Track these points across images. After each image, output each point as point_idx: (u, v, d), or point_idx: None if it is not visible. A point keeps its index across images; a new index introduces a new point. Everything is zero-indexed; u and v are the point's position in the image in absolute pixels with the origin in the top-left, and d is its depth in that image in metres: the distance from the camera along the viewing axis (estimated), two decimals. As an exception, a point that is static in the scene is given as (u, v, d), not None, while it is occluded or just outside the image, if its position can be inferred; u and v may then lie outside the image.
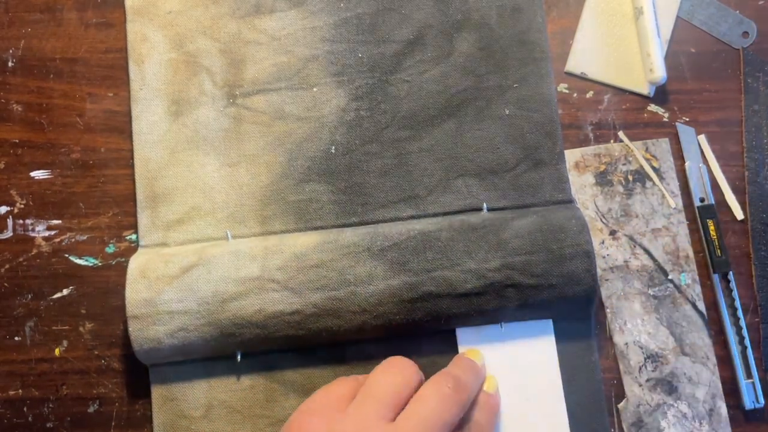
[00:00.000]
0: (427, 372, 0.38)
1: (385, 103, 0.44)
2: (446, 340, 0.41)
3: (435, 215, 0.42)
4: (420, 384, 0.36)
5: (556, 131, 0.43)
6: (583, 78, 0.45)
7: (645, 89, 0.45)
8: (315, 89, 0.44)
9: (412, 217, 0.42)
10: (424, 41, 0.44)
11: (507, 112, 0.44)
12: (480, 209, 0.42)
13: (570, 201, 0.43)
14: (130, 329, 0.38)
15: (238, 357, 0.40)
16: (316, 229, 0.42)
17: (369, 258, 0.39)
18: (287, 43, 0.44)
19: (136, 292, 0.39)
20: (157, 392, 0.41)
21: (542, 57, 0.44)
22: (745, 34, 0.45)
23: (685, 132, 0.44)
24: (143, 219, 0.42)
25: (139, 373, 0.41)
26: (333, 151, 0.43)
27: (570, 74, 0.45)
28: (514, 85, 0.44)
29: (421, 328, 0.40)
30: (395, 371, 0.36)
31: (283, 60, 0.44)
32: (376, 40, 0.44)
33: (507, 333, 0.41)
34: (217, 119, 0.43)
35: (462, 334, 0.41)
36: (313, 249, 0.40)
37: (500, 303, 0.39)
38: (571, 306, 0.40)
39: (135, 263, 0.40)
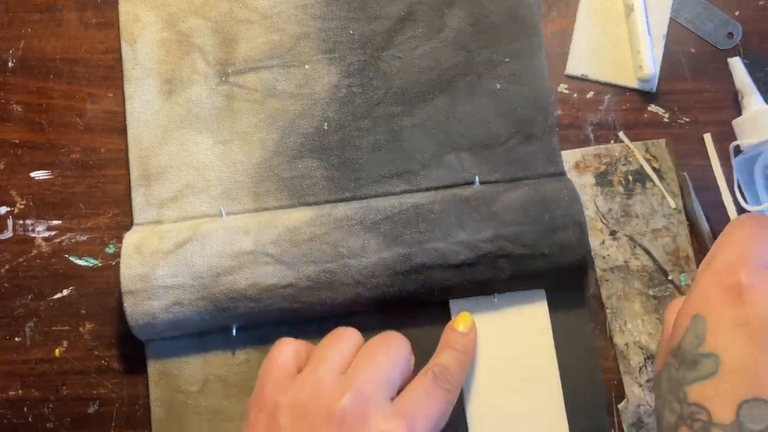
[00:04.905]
0: (422, 344, 0.39)
1: (377, 79, 0.44)
2: (440, 312, 0.41)
3: (428, 190, 0.43)
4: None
5: (547, 105, 0.44)
6: (584, 79, 0.45)
7: (647, 86, 0.45)
8: (307, 66, 0.44)
9: (405, 192, 0.43)
10: (415, 17, 0.45)
11: (498, 86, 0.44)
12: (472, 183, 0.43)
13: (562, 173, 0.43)
14: (125, 304, 0.39)
15: (234, 331, 0.40)
16: (309, 204, 0.43)
17: (362, 231, 0.40)
18: (279, 21, 0.45)
19: (130, 267, 0.39)
20: (153, 368, 0.41)
21: (534, 32, 0.44)
22: (730, 35, 0.45)
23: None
24: (137, 197, 0.43)
25: (139, 373, 0.42)
26: (325, 127, 0.44)
27: (571, 77, 0.45)
28: (506, 60, 0.44)
29: (414, 301, 0.40)
30: (343, 339, 0.36)
31: (274, 38, 0.44)
32: (367, 17, 0.45)
33: (500, 304, 0.41)
34: (209, 97, 0.44)
35: (455, 305, 0.41)
36: (307, 223, 0.40)
37: (493, 274, 0.40)
38: (564, 276, 0.40)
39: (129, 240, 0.40)
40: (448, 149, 0.43)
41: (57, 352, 0.42)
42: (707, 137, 0.44)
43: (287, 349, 0.36)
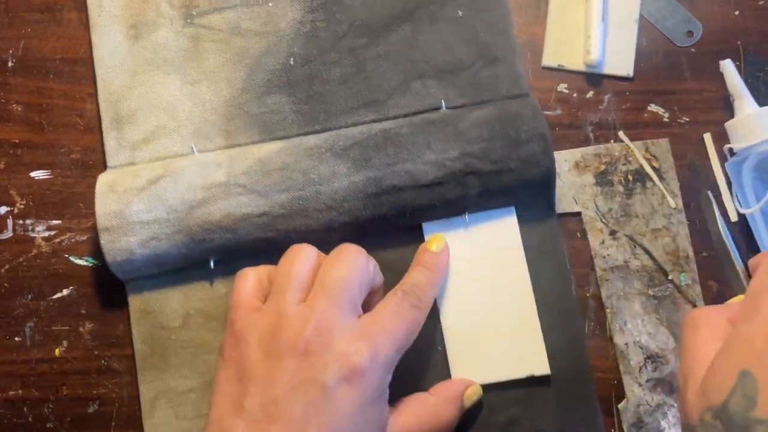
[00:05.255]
0: (396, 269, 0.40)
1: (340, 13, 0.45)
2: (414, 235, 0.42)
3: (396, 118, 0.43)
4: (321, 262, 0.37)
5: (508, 29, 0.44)
6: (561, 69, 0.45)
7: (625, 71, 0.45)
8: (270, 4, 0.45)
9: (374, 121, 0.43)
10: None
11: (460, 13, 0.45)
12: (439, 109, 0.43)
13: (526, 94, 0.44)
14: (101, 242, 0.39)
15: (212, 264, 0.41)
16: (280, 139, 0.43)
17: (332, 157, 0.40)
18: None
19: (105, 205, 0.39)
20: (134, 306, 0.42)
21: None
22: (690, 33, 0.45)
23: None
24: (110, 141, 0.43)
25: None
26: (292, 62, 0.44)
27: (548, 68, 0.45)
28: None
29: (388, 224, 0.41)
30: (299, 258, 0.36)
31: None
32: None
33: (472, 223, 0.42)
34: (175, 40, 0.44)
35: (429, 228, 0.42)
36: (277, 153, 0.41)
37: (462, 191, 0.40)
38: (532, 190, 0.41)
39: (103, 180, 0.41)
40: (414, 77, 0.44)
41: (57, 352, 0.42)
42: (707, 137, 0.44)
43: (248, 281, 0.37)
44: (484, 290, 0.41)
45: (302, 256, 0.36)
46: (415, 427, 0.36)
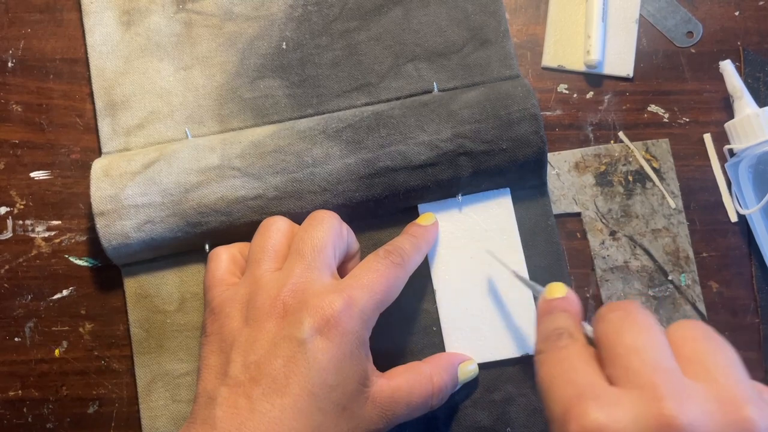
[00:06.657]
0: None
1: None
2: (408, 216, 0.42)
3: (388, 101, 0.44)
4: (294, 231, 0.38)
5: (499, 10, 0.45)
6: (561, 70, 0.45)
7: (625, 72, 0.45)
8: None
9: (366, 104, 0.44)
10: None
11: None
12: (431, 91, 0.44)
13: (517, 76, 0.44)
14: (97, 226, 0.39)
15: (207, 248, 0.41)
16: (273, 123, 0.43)
17: (325, 139, 0.40)
18: None
19: (100, 189, 0.40)
20: (130, 290, 0.42)
21: None
22: (690, 33, 0.45)
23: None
24: (104, 127, 0.43)
25: (139, 374, 0.41)
26: (284, 46, 0.45)
27: (548, 69, 0.45)
28: None
29: (382, 206, 0.41)
30: (271, 230, 0.37)
31: None
32: None
33: (465, 204, 0.42)
34: (168, 25, 0.45)
35: (423, 209, 0.42)
36: (270, 136, 0.41)
37: (455, 172, 0.40)
38: (524, 170, 0.41)
39: (98, 165, 0.41)
40: (406, 60, 0.44)
41: (57, 352, 0.42)
42: (707, 137, 0.44)
43: (222, 260, 0.38)
44: (478, 270, 0.42)
45: (275, 228, 0.37)
46: (406, 389, 0.36)
